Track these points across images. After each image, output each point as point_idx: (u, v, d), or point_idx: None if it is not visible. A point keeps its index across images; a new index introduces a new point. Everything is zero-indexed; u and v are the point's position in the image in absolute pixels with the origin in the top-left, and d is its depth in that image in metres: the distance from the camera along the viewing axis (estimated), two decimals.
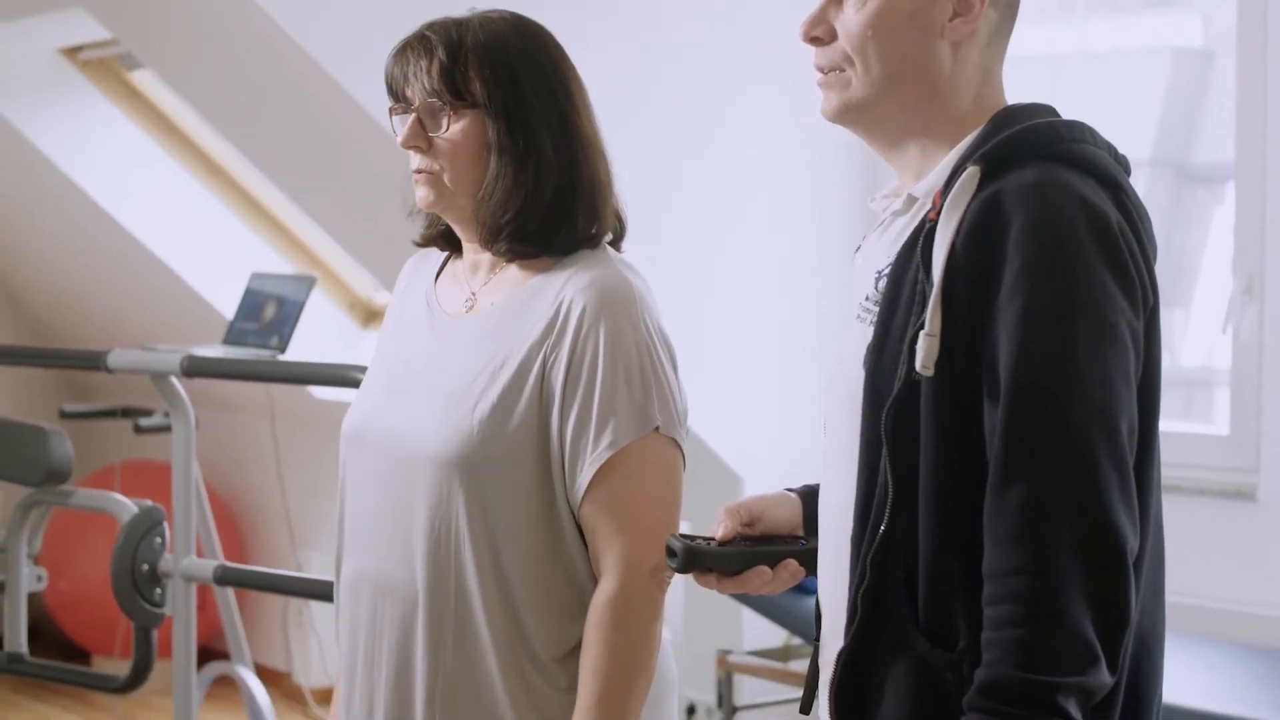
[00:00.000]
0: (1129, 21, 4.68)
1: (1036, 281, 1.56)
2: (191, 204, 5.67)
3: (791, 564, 1.84)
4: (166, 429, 3.91)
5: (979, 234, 1.59)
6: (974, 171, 1.63)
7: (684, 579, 1.90)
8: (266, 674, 5.13)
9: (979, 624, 1.57)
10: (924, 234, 1.64)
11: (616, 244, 2.19)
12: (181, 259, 5.65)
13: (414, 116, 2.12)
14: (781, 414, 4.67)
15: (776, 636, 4.53)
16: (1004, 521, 1.55)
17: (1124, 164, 1.71)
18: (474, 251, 2.19)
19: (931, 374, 1.60)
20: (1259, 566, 4.00)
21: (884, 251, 1.73)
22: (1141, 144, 4.46)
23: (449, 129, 2.10)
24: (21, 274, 6.41)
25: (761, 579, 1.82)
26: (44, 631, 5.95)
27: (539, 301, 2.09)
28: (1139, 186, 1.70)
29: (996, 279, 1.58)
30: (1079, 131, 1.67)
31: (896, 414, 1.62)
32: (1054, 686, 1.51)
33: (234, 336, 4.23)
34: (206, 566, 3.60)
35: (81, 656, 6.06)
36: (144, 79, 5.57)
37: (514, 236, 2.11)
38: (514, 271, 2.15)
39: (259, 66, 4.33)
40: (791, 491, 1.92)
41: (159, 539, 3.50)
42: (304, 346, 4.47)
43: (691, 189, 4.50)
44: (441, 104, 2.10)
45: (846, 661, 1.68)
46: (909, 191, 1.72)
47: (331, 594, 2.26)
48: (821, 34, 1.73)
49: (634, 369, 2.04)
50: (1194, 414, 4.41)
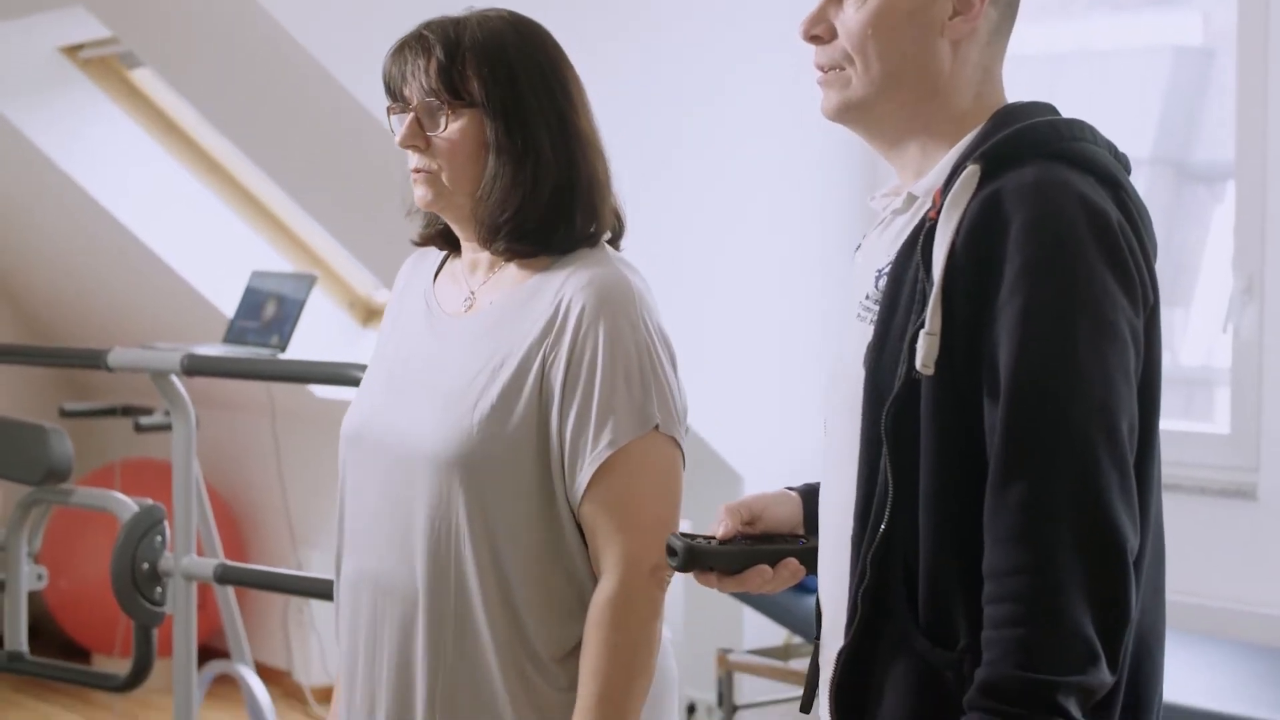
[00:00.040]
0: (1129, 20, 4.68)
1: (1036, 280, 1.56)
2: (192, 202, 5.66)
3: (792, 563, 1.84)
4: (167, 427, 3.91)
5: (979, 233, 1.59)
6: (974, 170, 1.62)
7: (684, 577, 1.89)
8: (267, 672, 5.13)
9: (979, 623, 1.57)
10: (924, 233, 1.64)
11: (615, 243, 2.19)
12: (182, 257, 5.65)
13: (412, 116, 2.12)
14: (782, 412, 4.66)
15: (777, 635, 4.52)
16: (1004, 520, 1.55)
17: (1124, 162, 1.71)
18: (472, 251, 2.19)
19: (931, 373, 1.60)
20: (1259, 565, 3.99)
21: (884, 250, 1.73)
22: (1142, 142, 4.46)
23: (447, 128, 2.10)
24: (22, 272, 6.41)
25: (762, 578, 1.82)
26: (44, 630, 5.95)
27: (538, 300, 2.09)
28: (1139, 185, 1.70)
29: (996, 278, 1.58)
30: (1079, 130, 1.67)
31: (897, 413, 1.62)
32: (1054, 685, 1.51)
33: (234, 335, 4.23)
34: (207, 565, 3.60)
35: (82, 655, 6.06)
36: (144, 78, 5.56)
37: (512, 235, 2.10)
38: (513, 271, 2.15)
39: (259, 65, 4.33)
40: (792, 490, 1.92)
41: (159, 538, 3.50)
42: (304, 345, 4.46)
43: (691, 188, 4.50)
44: (439, 103, 2.10)
45: (847, 660, 1.68)
46: (909, 190, 1.72)
47: (332, 592, 2.26)
48: (821, 32, 1.73)
49: (633, 368, 2.04)
50: (1194, 413, 4.41)
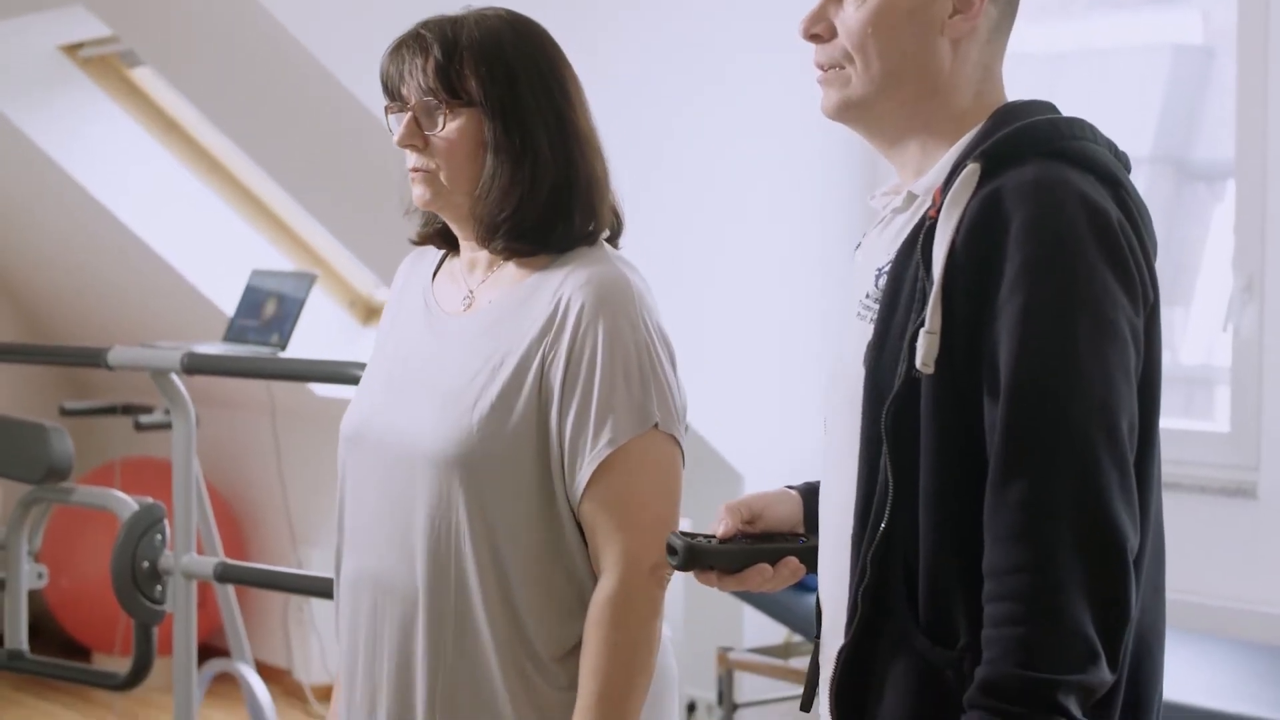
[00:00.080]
0: (1129, 18, 4.68)
1: (1037, 279, 1.56)
2: (192, 201, 5.66)
3: (792, 561, 1.84)
4: (167, 426, 3.91)
5: (979, 231, 1.59)
6: (974, 169, 1.62)
7: (684, 576, 1.89)
8: (267, 671, 5.13)
9: (979, 622, 1.57)
10: (924, 231, 1.64)
11: (614, 241, 2.19)
12: (182, 256, 5.65)
13: (410, 115, 2.11)
14: (782, 411, 4.66)
15: (777, 634, 4.53)
16: (1004, 519, 1.55)
17: (1124, 161, 1.70)
18: (471, 249, 2.18)
19: (932, 371, 1.60)
20: (1259, 564, 4.00)
21: (884, 249, 1.73)
22: (1142, 141, 4.46)
23: (445, 128, 2.10)
24: (22, 271, 6.41)
25: (762, 576, 1.82)
26: (44, 629, 5.95)
27: (537, 299, 2.09)
28: (1139, 184, 1.70)
29: (996, 276, 1.58)
30: (1079, 128, 1.67)
31: (897, 412, 1.62)
32: (1054, 684, 1.51)
33: (234, 334, 4.23)
34: (207, 564, 3.59)
35: (82, 654, 6.06)
36: (144, 76, 5.56)
37: (511, 234, 2.10)
38: (511, 269, 2.15)
39: (259, 64, 4.33)
40: (792, 489, 1.92)
41: (159, 536, 3.50)
42: (304, 344, 4.46)
43: (691, 186, 4.50)
44: (437, 102, 2.09)
45: (847, 659, 1.68)
46: (909, 189, 1.72)
47: (332, 591, 2.25)
48: (821, 31, 1.73)
49: (632, 366, 2.04)
50: (1194, 411, 4.41)
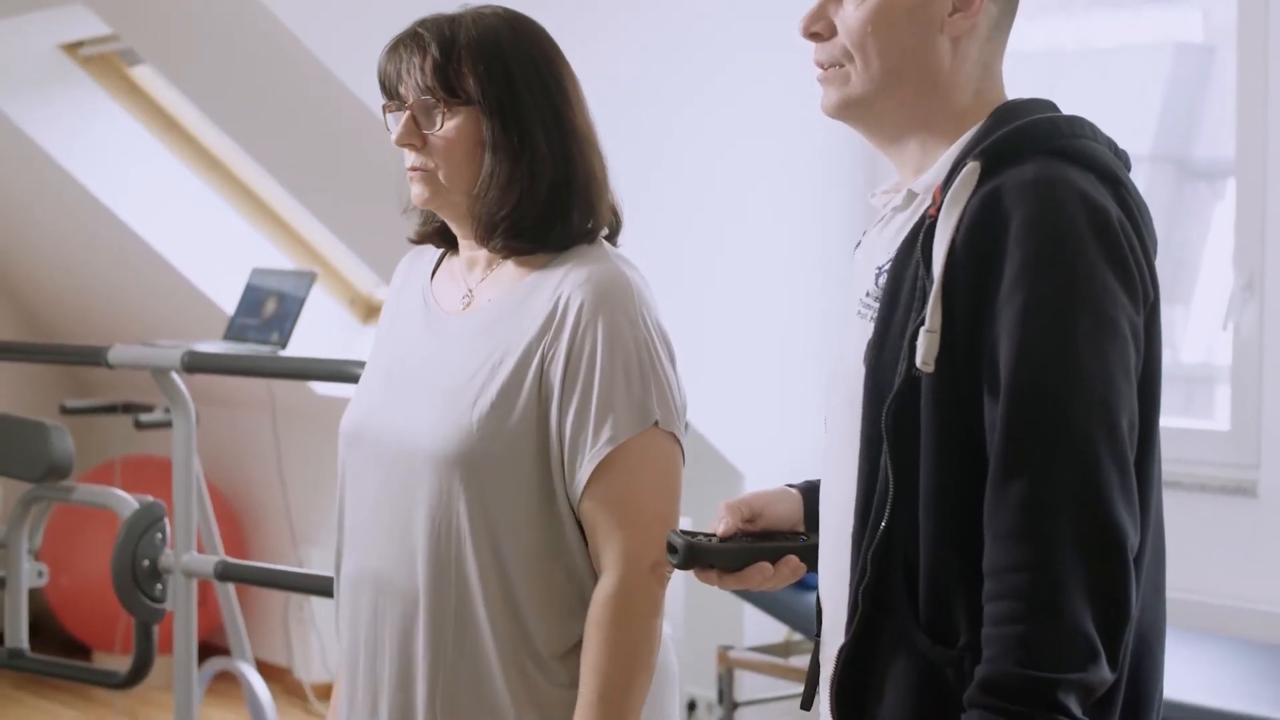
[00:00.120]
0: (1130, 16, 4.68)
1: (1037, 277, 1.56)
2: (192, 199, 5.66)
3: (792, 560, 1.84)
4: (167, 424, 3.91)
5: (979, 230, 1.59)
6: (974, 167, 1.62)
7: (685, 574, 1.89)
8: (267, 669, 5.13)
9: (980, 620, 1.57)
10: (924, 230, 1.64)
11: (613, 239, 2.19)
12: (182, 254, 5.65)
13: (408, 114, 2.11)
14: (782, 410, 4.66)
15: (777, 632, 4.52)
16: (1004, 517, 1.55)
17: (1124, 159, 1.70)
18: (470, 248, 2.18)
19: (932, 370, 1.60)
20: (1259, 562, 4.00)
21: (884, 247, 1.72)
22: (1142, 139, 4.46)
23: (443, 126, 2.10)
24: (22, 270, 6.41)
25: (762, 575, 1.82)
26: (45, 627, 5.95)
27: (536, 297, 2.09)
28: (1139, 182, 1.70)
29: (997, 275, 1.58)
30: (1079, 127, 1.67)
31: (897, 410, 1.62)
32: (1054, 683, 1.51)
33: (234, 332, 4.23)
34: (207, 562, 3.60)
35: (82, 652, 6.06)
36: (144, 75, 5.56)
37: (510, 233, 2.10)
38: (510, 268, 2.14)
39: (260, 62, 4.33)
40: (792, 487, 1.92)
41: (160, 534, 3.50)
42: (305, 342, 4.46)
43: (691, 184, 4.50)
44: (435, 101, 2.09)
45: (847, 658, 1.68)
46: (909, 187, 1.72)
47: (332, 589, 2.25)
48: (821, 29, 1.73)
49: (632, 364, 2.04)
50: (1194, 410, 4.41)
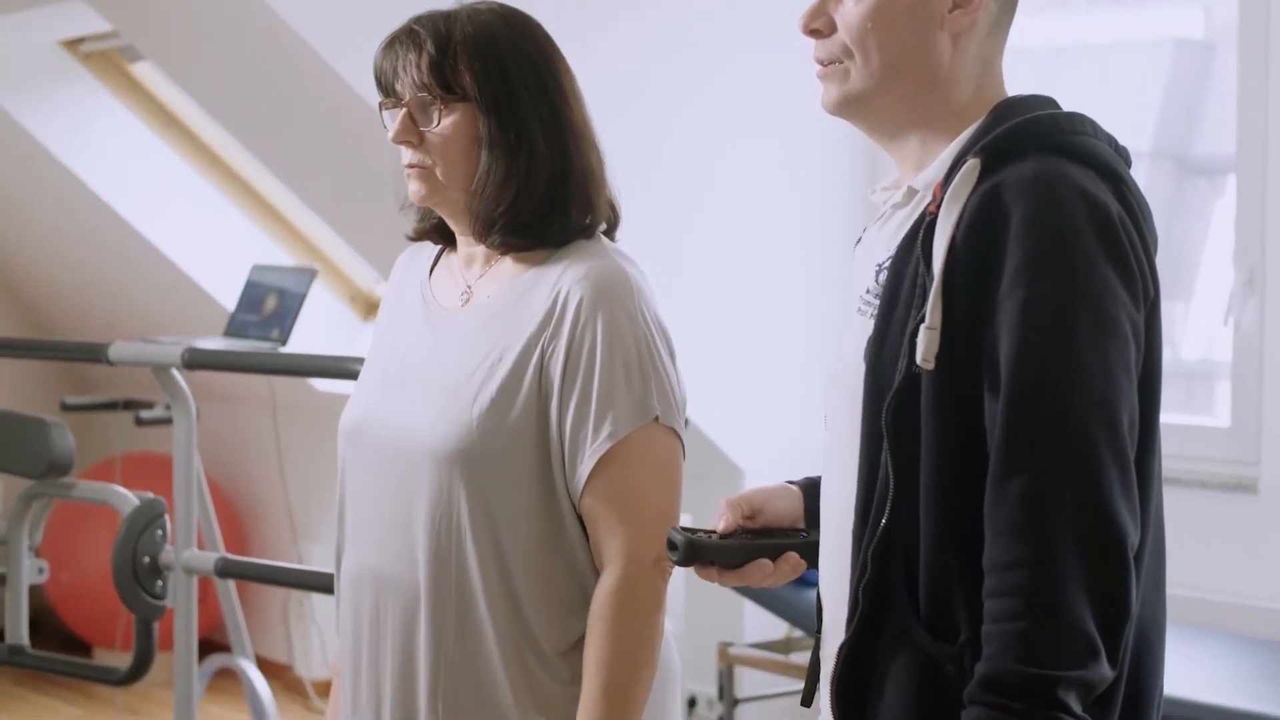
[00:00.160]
0: (1130, 13, 4.68)
1: (1037, 274, 1.56)
2: (192, 196, 5.66)
3: (793, 556, 1.84)
4: (167, 421, 3.91)
5: (979, 226, 1.59)
6: (974, 164, 1.62)
7: (685, 571, 1.90)
8: (268, 666, 5.13)
9: (980, 617, 1.57)
10: (924, 227, 1.64)
11: (611, 234, 2.18)
12: (182, 251, 5.65)
13: (404, 111, 2.11)
14: (782, 406, 4.66)
15: (778, 629, 4.53)
16: (1004, 514, 1.55)
17: (1125, 156, 1.70)
18: (468, 245, 2.18)
19: (932, 367, 1.59)
20: (1260, 559, 4.00)
21: (884, 244, 1.72)
22: (1142, 136, 4.46)
23: (439, 123, 2.10)
24: (22, 266, 6.41)
25: (763, 572, 1.82)
26: (45, 624, 5.96)
27: (535, 293, 2.09)
28: (1140, 179, 1.70)
29: (997, 272, 1.58)
30: (1079, 123, 1.66)
31: (897, 407, 1.62)
32: (1054, 680, 1.51)
33: (235, 329, 4.23)
34: (208, 559, 3.60)
35: (83, 649, 6.06)
36: (145, 71, 5.56)
37: (507, 229, 2.10)
38: (509, 264, 2.14)
39: (260, 59, 4.33)
40: (792, 484, 1.92)
41: (160, 531, 3.50)
42: (305, 339, 4.46)
43: (691, 181, 4.50)
44: (431, 98, 2.09)
45: (848, 655, 1.68)
46: (909, 184, 1.72)
47: (333, 586, 2.25)
48: (821, 26, 1.73)
49: (632, 359, 2.04)
50: (1195, 406, 4.41)
